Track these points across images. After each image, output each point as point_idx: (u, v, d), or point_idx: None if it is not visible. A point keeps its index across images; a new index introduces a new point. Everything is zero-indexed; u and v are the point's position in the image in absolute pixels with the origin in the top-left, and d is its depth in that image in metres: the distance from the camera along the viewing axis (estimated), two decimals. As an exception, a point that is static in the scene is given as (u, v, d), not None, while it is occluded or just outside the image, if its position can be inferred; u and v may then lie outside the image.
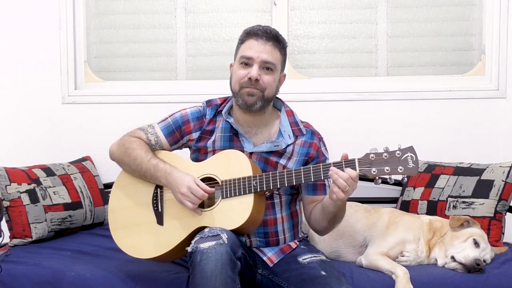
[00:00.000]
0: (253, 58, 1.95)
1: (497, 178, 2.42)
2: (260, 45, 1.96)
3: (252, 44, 1.97)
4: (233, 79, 2.02)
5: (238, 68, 1.99)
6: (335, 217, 1.92)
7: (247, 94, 1.97)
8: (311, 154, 2.03)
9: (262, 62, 1.96)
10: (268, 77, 1.97)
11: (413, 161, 1.73)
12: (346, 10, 3.03)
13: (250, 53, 1.96)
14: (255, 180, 1.86)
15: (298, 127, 2.05)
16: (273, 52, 1.98)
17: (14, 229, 2.45)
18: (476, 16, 2.98)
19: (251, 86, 1.96)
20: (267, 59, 1.96)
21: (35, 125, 3.06)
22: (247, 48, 1.98)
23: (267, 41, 1.97)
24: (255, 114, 2.01)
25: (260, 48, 1.96)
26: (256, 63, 1.95)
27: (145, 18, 3.11)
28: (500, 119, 2.90)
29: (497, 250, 2.29)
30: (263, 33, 1.97)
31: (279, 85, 2.05)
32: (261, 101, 1.98)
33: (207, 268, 1.66)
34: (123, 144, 2.05)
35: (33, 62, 3.05)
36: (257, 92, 1.96)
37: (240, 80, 1.98)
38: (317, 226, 2.01)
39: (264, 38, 1.96)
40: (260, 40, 1.96)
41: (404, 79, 3.00)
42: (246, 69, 1.97)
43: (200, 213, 1.89)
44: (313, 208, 2.01)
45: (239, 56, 2.00)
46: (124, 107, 3.02)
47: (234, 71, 2.02)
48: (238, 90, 1.99)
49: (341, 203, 1.85)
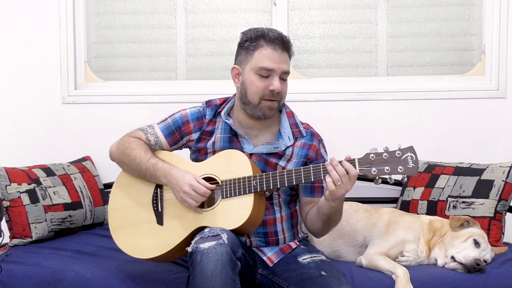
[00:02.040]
0: (274, 70, 1.92)
1: (497, 178, 2.42)
2: (279, 55, 1.92)
3: (271, 55, 1.91)
4: (251, 90, 1.95)
5: (257, 79, 1.94)
6: (329, 219, 1.91)
7: (268, 108, 1.95)
8: (310, 156, 2.03)
9: (282, 73, 1.93)
10: (284, 87, 1.97)
11: (413, 161, 1.73)
12: (346, 10, 3.03)
13: (272, 65, 1.91)
14: (255, 180, 1.86)
15: (298, 129, 2.05)
16: (288, 61, 1.96)
17: (14, 229, 2.45)
18: (476, 16, 2.97)
19: (273, 99, 1.94)
20: (285, 70, 1.94)
21: (35, 125, 3.06)
22: (266, 58, 1.92)
23: (283, 50, 1.93)
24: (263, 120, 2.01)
25: (280, 59, 1.92)
26: (277, 74, 1.92)
27: (145, 18, 3.11)
28: (500, 119, 2.90)
29: (497, 250, 2.29)
30: (280, 43, 1.92)
31: None
32: (276, 110, 1.99)
33: (207, 268, 1.66)
34: (123, 145, 2.05)
35: (33, 62, 3.05)
36: (276, 105, 1.96)
37: (261, 93, 1.94)
38: (312, 228, 2.01)
39: (281, 48, 1.92)
40: (279, 49, 1.92)
41: (404, 79, 3.00)
42: (266, 81, 1.93)
43: (201, 212, 1.89)
44: (309, 209, 2.00)
45: (257, 67, 1.92)
46: (124, 107, 3.02)
47: (251, 82, 1.95)
48: (258, 102, 1.95)
49: (335, 205, 1.84)
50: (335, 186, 1.75)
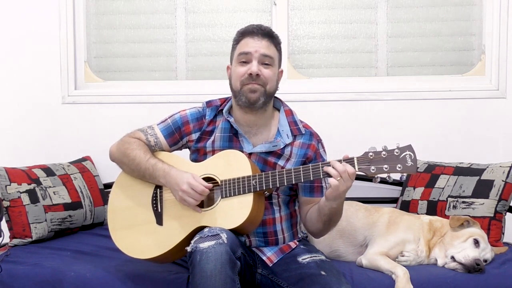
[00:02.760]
0: (251, 52, 1.96)
1: (497, 178, 2.42)
2: (256, 41, 1.97)
3: (248, 41, 1.98)
4: (233, 77, 2.01)
5: (237, 66, 1.99)
6: (330, 220, 1.92)
7: (249, 91, 1.96)
8: (309, 156, 2.03)
9: (261, 56, 1.96)
10: (268, 71, 1.97)
11: (412, 159, 1.74)
12: (346, 10, 3.04)
13: (248, 49, 1.96)
14: (255, 180, 1.86)
15: (297, 127, 2.05)
16: (270, 47, 1.98)
17: (14, 229, 2.45)
18: (476, 16, 2.97)
19: (252, 81, 1.95)
20: (265, 53, 1.96)
21: (35, 125, 3.06)
22: (243, 45, 1.98)
23: (263, 37, 1.98)
24: (256, 113, 2.01)
25: (257, 44, 1.97)
26: (255, 58, 1.96)
27: (145, 18, 3.11)
28: (500, 119, 2.90)
29: (497, 250, 2.29)
30: (258, 30, 1.99)
31: (278, 80, 2.05)
32: (264, 96, 1.97)
33: (207, 267, 1.66)
34: (123, 145, 2.06)
35: (33, 62, 3.05)
36: (259, 88, 1.96)
37: (240, 78, 1.97)
38: (312, 228, 2.01)
39: (260, 35, 1.98)
40: (256, 37, 1.97)
41: (404, 79, 3.00)
42: (245, 66, 1.97)
43: (200, 211, 1.89)
44: (309, 209, 2.00)
45: (237, 54, 2.00)
46: (124, 107, 3.02)
47: (233, 71, 2.02)
48: (239, 88, 1.98)
49: (335, 205, 1.85)
50: (337, 181, 1.75)
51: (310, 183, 2.00)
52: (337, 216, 1.94)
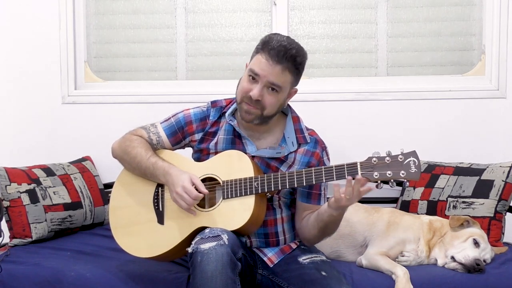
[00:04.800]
0: (259, 75, 1.88)
1: (497, 178, 2.42)
2: (269, 65, 1.86)
3: (261, 61, 1.87)
4: (239, 85, 1.96)
5: (246, 79, 1.92)
6: (326, 227, 1.91)
7: (245, 111, 1.93)
8: (312, 164, 2.00)
9: (268, 83, 1.89)
10: (270, 98, 1.90)
11: (416, 166, 1.71)
12: (346, 10, 3.03)
13: (258, 71, 1.87)
14: (257, 181, 1.86)
15: (303, 135, 2.03)
16: (282, 75, 1.88)
17: (14, 229, 2.45)
18: (476, 16, 2.97)
19: (250, 104, 1.91)
20: (273, 81, 1.87)
21: (35, 125, 3.06)
22: (257, 62, 1.89)
23: (278, 63, 1.85)
24: (256, 125, 1.99)
25: (268, 69, 1.86)
26: (261, 83, 1.88)
27: (145, 18, 3.11)
28: (500, 119, 2.90)
29: (497, 250, 2.29)
30: (278, 52, 1.85)
31: (286, 101, 1.99)
32: (259, 119, 1.93)
33: (208, 269, 1.66)
34: (124, 142, 2.06)
35: (33, 62, 3.05)
36: (255, 112, 1.91)
37: (243, 93, 1.92)
38: (305, 234, 1.99)
39: (275, 60, 1.85)
40: (271, 60, 1.85)
41: (404, 79, 3.00)
42: (251, 84, 1.90)
43: (195, 213, 1.89)
44: (305, 216, 1.99)
45: (249, 68, 1.92)
46: (124, 107, 3.02)
47: (242, 79, 1.95)
48: (239, 101, 1.94)
49: (336, 214, 1.83)
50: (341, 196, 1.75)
51: (308, 189, 1.99)
52: (334, 225, 1.93)
